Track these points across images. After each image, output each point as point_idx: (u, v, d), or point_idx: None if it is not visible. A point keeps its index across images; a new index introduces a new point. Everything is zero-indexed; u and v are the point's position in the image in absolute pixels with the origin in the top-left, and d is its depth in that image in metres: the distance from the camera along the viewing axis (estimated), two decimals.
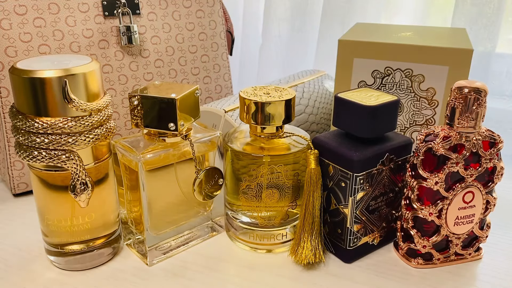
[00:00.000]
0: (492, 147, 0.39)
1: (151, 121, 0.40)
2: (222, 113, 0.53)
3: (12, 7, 0.50)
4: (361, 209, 0.41)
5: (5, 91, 0.51)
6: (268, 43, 0.85)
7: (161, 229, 0.43)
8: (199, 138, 0.43)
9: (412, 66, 0.48)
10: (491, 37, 0.64)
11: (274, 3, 0.81)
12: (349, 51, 0.49)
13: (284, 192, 0.42)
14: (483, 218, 0.42)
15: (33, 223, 0.48)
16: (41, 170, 0.38)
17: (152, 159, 0.40)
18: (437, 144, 0.38)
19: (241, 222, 0.44)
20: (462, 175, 0.39)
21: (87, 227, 0.40)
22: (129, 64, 0.58)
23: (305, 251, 0.41)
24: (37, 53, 0.52)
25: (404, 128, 0.51)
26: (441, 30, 0.57)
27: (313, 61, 0.83)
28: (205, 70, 0.65)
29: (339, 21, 0.76)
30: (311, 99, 0.61)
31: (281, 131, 0.43)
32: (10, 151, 0.52)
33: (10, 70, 0.36)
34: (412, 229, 0.41)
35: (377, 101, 0.40)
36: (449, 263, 0.43)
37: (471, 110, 0.37)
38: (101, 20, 0.55)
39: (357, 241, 0.42)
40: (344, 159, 0.39)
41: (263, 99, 0.41)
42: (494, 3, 0.63)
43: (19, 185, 0.53)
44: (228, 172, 0.44)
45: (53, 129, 0.35)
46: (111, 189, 0.41)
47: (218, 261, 0.43)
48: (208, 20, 0.64)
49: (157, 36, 0.60)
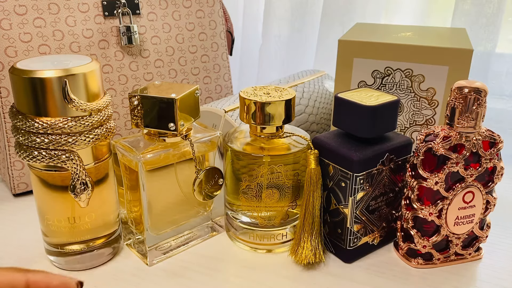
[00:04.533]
0: (492, 147, 0.39)
1: (151, 121, 0.40)
2: (222, 113, 0.53)
3: (12, 7, 0.50)
4: (361, 209, 0.41)
5: (5, 91, 0.51)
6: (268, 43, 0.85)
7: (161, 229, 0.43)
8: (199, 138, 0.43)
9: (412, 66, 0.48)
10: (491, 37, 0.64)
11: (274, 3, 0.81)
12: (349, 51, 0.49)
13: (284, 192, 0.42)
14: (483, 218, 0.42)
15: (33, 223, 0.48)
16: (41, 170, 0.38)
17: (152, 159, 0.40)
18: (437, 144, 0.38)
19: (241, 222, 0.44)
20: (462, 175, 0.39)
21: (87, 227, 0.40)
22: (129, 64, 0.58)
23: (305, 251, 0.41)
24: (37, 53, 0.52)
25: (404, 128, 0.51)
26: (441, 30, 0.57)
27: (313, 61, 0.83)
28: (205, 70, 0.65)
29: (339, 21, 0.76)
30: (311, 99, 0.61)
31: (281, 131, 0.43)
32: (10, 151, 0.52)
33: (10, 70, 0.36)
34: (412, 229, 0.41)
35: (377, 101, 0.40)
36: (449, 263, 0.43)
37: (471, 110, 0.37)
38: (101, 20, 0.55)
39: (357, 241, 0.42)
40: (344, 159, 0.39)
41: (263, 99, 0.41)
42: (494, 3, 0.63)
43: (19, 185, 0.53)
44: (228, 172, 0.44)
45: (53, 129, 0.35)
46: (111, 189, 0.41)
47: (218, 261, 0.43)
48: (208, 20, 0.64)
49: (157, 36, 0.60)
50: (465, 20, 0.65)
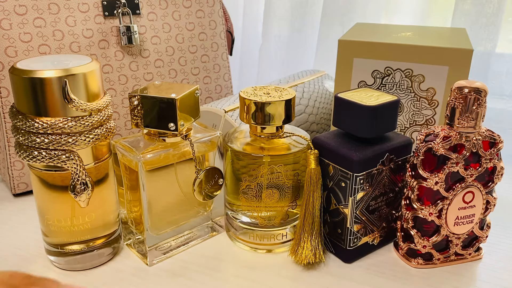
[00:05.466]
0: (492, 147, 0.39)
1: (151, 121, 0.40)
2: (222, 113, 0.53)
3: (12, 7, 0.50)
4: (361, 209, 0.41)
5: (5, 91, 0.51)
6: (268, 43, 0.85)
7: (161, 229, 0.43)
8: (199, 138, 0.43)
9: (412, 66, 0.48)
10: (491, 37, 0.64)
11: (274, 3, 0.81)
12: (349, 51, 0.49)
13: (284, 192, 0.42)
14: (483, 218, 0.42)
15: (33, 223, 0.48)
16: (41, 170, 0.38)
17: (152, 159, 0.40)
18: (437, 144, 0.38)
19: (241, 222, 0.44)
20: (462, 175, 0.39)
21: (87, 227, 0.40)
22: (129, 64, 0.58)
23: (305, 251, 0.41)
24: (37, 53, 0.52)
25: (404, 128, 0.51)
26: (441, 30, 0.57)
27: (313, 61, 0.83)
28: (205, 70, 0.65)
29: (339, 21, 0.76)
30: (311, 99, 0.61)
31: (281, 131, 0.43)
32: (10, 151, 0.52)
33: (10, 70, 0.36)
34: (412, 229, 0.41)
35: (377, 101, 0.40)
36: (449, 263, 0.43)
37: (471, 110, 0.37)
38: (101, 20, 0.55)
39: (357, 241, 0.42)
40: (344, 159, 0.39)
41: (263, 99, 0.41)
42: (494, 3, 0.63)
43: (19, 185, 0.53)
44: (228, 172, 0.44)
45: (53, 129, 0.35)
46: (111, 189, 0.41)
47: (218, 261, 0.43)
48: (208, 20, 0.64)
49: (157, 36, 0.60)
50: (465, 20, 0.65)
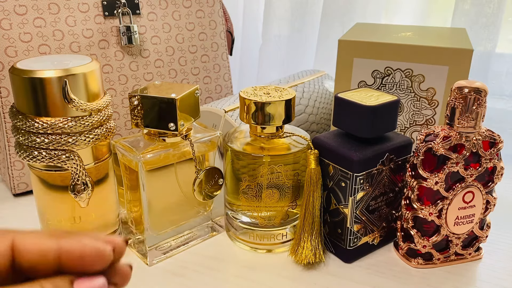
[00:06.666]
0: (492, 147, 0.39)
1: (151, 121, 0.40)
2: (222, 113, 0.53)
3: (12, 7, 0.50)
4: (361, 209, 0.41)
5: (5, 91, 0.51)
6: (268, 43, 0.85)
7: (161, 229, 0.43)
8: (199, 138, 0.43)
9: (412, 66, 0.48)
10: (491, 37, 0.64)
11: (274, 3, 0.81)
12: (349, 51, 0.49)
13: (284, 192, 0.42)
14: (483, 218, 0.42)
15: (33, 223, 0.48)
16: (41, 170, 0.38)
17: (152, 159, 0.40)
18: (437, 144, 0.38)
19: (241, 222, 0.44)
20: (462, 175, 0.39)
21: (87, 227, 0.40)
22: (129, 64, 0.58)
23: (305, 251, 0.41)
24: (37, 53, 0.52)
25: (404, 128, 0.51)
26: (441, 30, 0.57)
27: (313, 61, 0.83)
28: (205, 70, 0.65)
29: (339, 21, 0.76)
30: (311, 99, 0.61)
31: (281, 131, 0.43)
32: (10, 151, 0.52)
33: (10, 70, 0.36)
34: (412, 229, 0.41)
35: (377, 101, 0.40)
36: (449, 263, 0.43)
37: (471, 110, 0.37)
38: (101, 20, 0.55)
39: (357, 241, 0.42)
40: (344, 159, 0.39)
41: (263, 99, 0.41)
42: (494, 3, 0.63)
43: (19, 185, 0.53)
44: (228, 172, 0.44)
45: (53, 129, 0.35)
46: (111, 189, 0.41)
47: (218, 261, 0.43)
48: (208, 20, 0.64)
49: (157, 36, 0.60)
50: (465, 20, 0.65)
